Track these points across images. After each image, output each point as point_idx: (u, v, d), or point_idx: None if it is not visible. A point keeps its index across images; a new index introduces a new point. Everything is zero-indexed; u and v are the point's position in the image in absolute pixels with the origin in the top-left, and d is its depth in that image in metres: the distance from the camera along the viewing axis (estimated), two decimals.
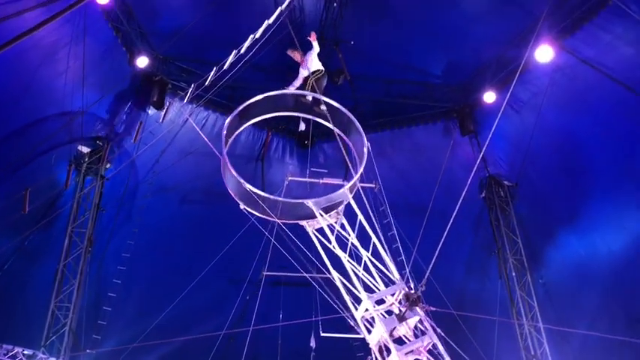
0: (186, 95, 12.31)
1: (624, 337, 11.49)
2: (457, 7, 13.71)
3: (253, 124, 15.56)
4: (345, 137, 10.18)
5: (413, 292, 6.82)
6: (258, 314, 13.15)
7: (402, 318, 6.53)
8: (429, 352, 6.82)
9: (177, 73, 15.28)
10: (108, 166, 14.83)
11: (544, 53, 13.19)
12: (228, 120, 9.74)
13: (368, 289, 7.67)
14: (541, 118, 14.56)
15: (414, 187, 16.17)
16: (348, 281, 7.14)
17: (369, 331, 6.89)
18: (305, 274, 10.66)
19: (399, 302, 6.82)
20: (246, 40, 10.34)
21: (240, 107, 9.77)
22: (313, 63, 11.33)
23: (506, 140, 15.61)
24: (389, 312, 7.39)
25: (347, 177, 15.09)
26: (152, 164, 15.42)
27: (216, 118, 15.69)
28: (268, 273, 13.22)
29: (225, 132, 9.62)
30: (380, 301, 7.42)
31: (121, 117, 14.91)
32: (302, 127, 15.18)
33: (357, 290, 6.68)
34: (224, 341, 14.12)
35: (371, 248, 7.10)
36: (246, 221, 13.41)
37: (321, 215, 7.53)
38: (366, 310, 6.94)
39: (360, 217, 6.99)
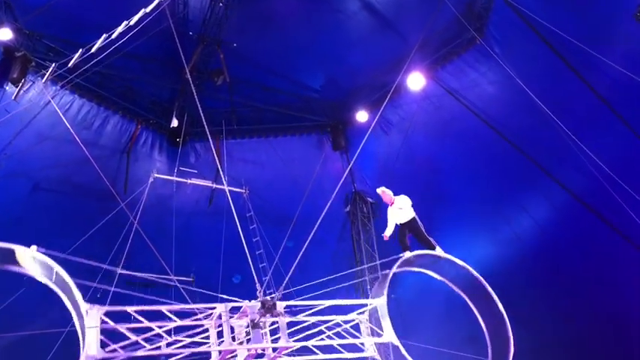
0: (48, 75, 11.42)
1: (471, 354, 12.39)
2: (339, 30, 14.20)
3: (122, 113, 15.03)
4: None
5: (269, 298, 6.86)
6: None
7: (256, 325, 6.53)
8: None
9: (44, 51, 14.16)
10: None
11: (415, 81, 14.02)
12: None
13: None
14: (407, 142, 15.41)
15: (283, 196, 16.28)
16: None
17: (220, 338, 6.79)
18: (160, 277, 10.27)
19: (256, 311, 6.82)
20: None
21: None
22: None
23: (374, 159, 16.28)
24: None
25: (217, 180, 14.90)
26: (4, 145, 14.10)
27: (82, 104, 14.70)
28: (123, 271, 12.61)
29: None
30: (234, 309, 7.33)
31: None
32: (174, 123, 14.74)
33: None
34: (67, 340, 13.18)
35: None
36: (105, 214, 12.77)
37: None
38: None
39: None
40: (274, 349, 6.87)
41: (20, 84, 13.04)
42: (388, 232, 10.19)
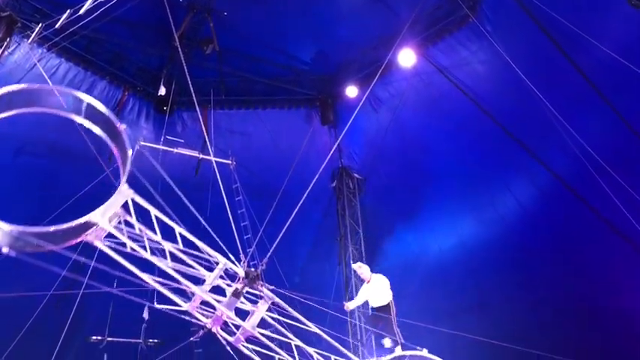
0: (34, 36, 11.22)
1: (447, 329, 12.60)
2: (330, 2, 14.03)
3: (110, 79, 14.80)
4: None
5: (253, 269, 6.89)
6: (91, 280, 12.48)
7: (238, 294, 6.56)
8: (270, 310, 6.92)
9: (31, 12, 13.85)
10: None
11: (406, 57, 13.95)
12: None
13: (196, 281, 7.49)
14: (396, 119, 15.42)
15: (270, 169, 16.28)
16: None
17: (206, 316, 6.80)
18: (142, 251, 10.22)
19: (237, 279, 6.84)
20: None
21: None
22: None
23: (362, 135, 16.30)
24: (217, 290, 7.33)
25: (204, 150, 14.83)
26: None
27: (69, 68, 14.46)
28: (106, 240, 12.58)
29: None
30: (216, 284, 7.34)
31: None
32: (162, 91, 14.60)
33: (184, 284, 6.47)
34: (49, 304, 13.22)
35: (179, 240, 6.89)
36: (90, 181, 12.69)
37: (111, 224, 6.40)
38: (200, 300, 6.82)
39: (153, 211, 6.49)
40: (236, 327, 6.79)
41: (5, 44, 12.80)
42: (352, 304, 9.67)
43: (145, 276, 6.15)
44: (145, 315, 13.17)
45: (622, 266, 13.51)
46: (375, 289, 9.54)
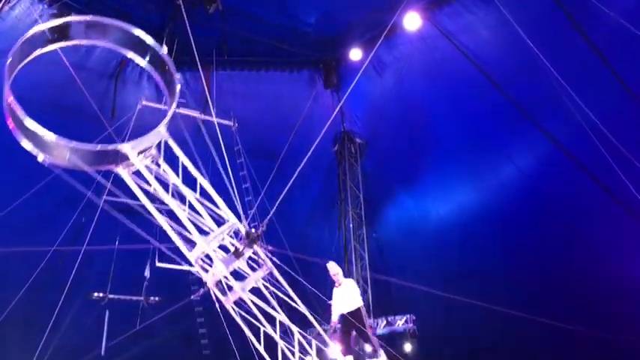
0: None
1: (443, 290, 12.80)
2: None
3: None
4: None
5: (253, 230, 6.94)
6: (93, 238, 12.62)
7: (239, 254, 6.64)
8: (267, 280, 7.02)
9: None
10: None
11: (412, 21, 13.77)
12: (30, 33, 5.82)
13: (204, 232, 7.56)
14: (399, 84, 15.30)
15: (272, 131, 16.26)
16: (180, 224, 6.95)
17: (206, 271, 6.90)
18: (144, 204, 10.23)
19: (239, 239, 6.90)
20: None
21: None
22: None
23: (365, 100, 16.21)
24: (222, 248, 7.42)
25: (206, 111, 14.76)
26: None
27: None
28: (108, 198, 12.63)
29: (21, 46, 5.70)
30: (218, 240, 7.42)
31: None
32: (164, 50, 14.43)
33: (190, 232, 6.53)
34: (52, 261, 13.37)
35: (198, 189, 6.94)
36: (92, 139, 12.65)
37: (139, 158, 6.36)
38: (202, 251, 6.91)
39: (182, 157, 6.55)
40: (229, 287, 6.86)
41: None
42: (334, 316, 9.20)
43: (155, 213, 6.28)
44: (147, 273, 13.37)
45: (622, 236, 13.60)
46: (345, 294, 9.25)
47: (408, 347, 14.94)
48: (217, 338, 14.14)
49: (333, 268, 9.28)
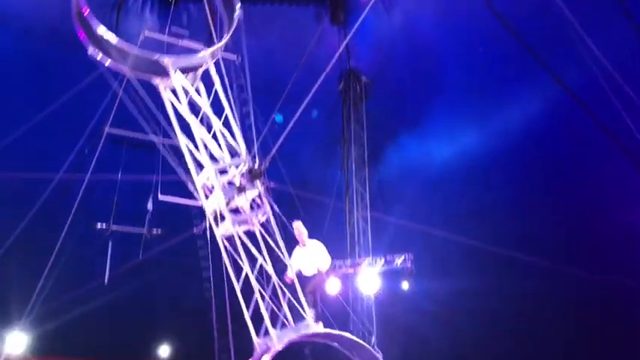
0: None
1: (442, 231, 12.89)
2: None
3: None
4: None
5: (257, 166, 6.94)
6: (96, 170, 12.63)
7: (241, 189, 6.66)
8: (262, 225, 7.08)
9: None
10: None
11: None
12: None
13: (213, 159, 7.61)
14: (407, 22, 14.93)
15: (277, 67, 15.98)
16: (194, 147, 6.98)
17: (207, 198, 6.96)
18: (150, 135, 10.22)
19: (242, 174, 6.92)
20: None
21: None
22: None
23: (372, 37, 15.87)
24: (229, 184, 7.46)
25: (209, 44, 14.45)
26: None
27: None
28: (111, 130, 12.58)
29: None
30: (222, 172, 7.45)
31: None
32: None
33: (202, 157, 6.59)
34: (55, 191, 13.44)
35: (222, 119, 6.98)
36: (95, 69, 12.48)
37: (177, 75, 6.92)
38: (208, 178, 6.95)
39: (218, 85, 6.71)
40: (222, 218, 6.88)
41: None
42: (291, 273, 8.47)
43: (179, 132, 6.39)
44: (149, 206, 13.46)
45: (629, 183, 13.59)
46: (311, 255, 8.75)
47: (405, 285, 15.20)
48: (219, 271, 14.39)
49: (299, 227, 8.75)
